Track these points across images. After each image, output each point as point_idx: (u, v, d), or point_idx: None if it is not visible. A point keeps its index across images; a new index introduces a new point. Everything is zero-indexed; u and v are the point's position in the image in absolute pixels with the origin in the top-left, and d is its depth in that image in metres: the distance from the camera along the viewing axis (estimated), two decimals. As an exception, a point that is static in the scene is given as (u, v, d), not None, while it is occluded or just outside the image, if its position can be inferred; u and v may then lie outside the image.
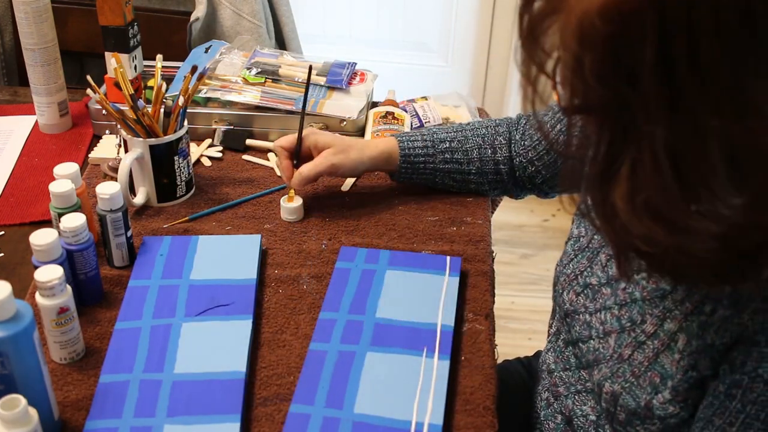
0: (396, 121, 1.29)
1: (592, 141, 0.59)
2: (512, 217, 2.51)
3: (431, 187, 1.16)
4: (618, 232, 0.60)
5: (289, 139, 1.12)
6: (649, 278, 0.77)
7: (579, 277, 0.88)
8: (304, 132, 1.12)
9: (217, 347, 0.89)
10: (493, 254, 1.10)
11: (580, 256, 0.90)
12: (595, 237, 0.88)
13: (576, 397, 0.88)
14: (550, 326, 0.99)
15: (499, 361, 1.11)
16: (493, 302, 1.02)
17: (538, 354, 1.18)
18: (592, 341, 0.84)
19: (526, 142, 1.12)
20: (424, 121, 1.34)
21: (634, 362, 0.77)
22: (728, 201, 0.55)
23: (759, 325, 0.65)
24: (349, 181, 1.21)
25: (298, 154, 1.12)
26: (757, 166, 0.55)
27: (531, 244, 2.43)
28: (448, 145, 1.12)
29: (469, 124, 1.16)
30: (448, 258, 1.03)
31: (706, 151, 0.54)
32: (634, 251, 0.62)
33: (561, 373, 0.92)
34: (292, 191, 1.12)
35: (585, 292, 0.87)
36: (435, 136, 1.13)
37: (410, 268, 1.01)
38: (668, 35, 0.51)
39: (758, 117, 0.53)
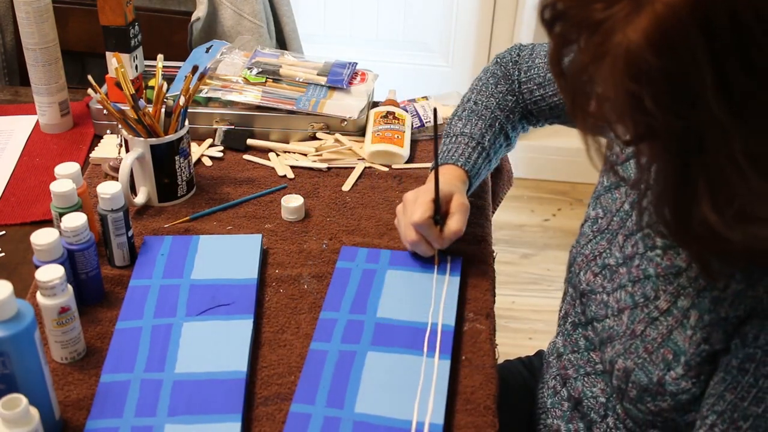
0: (397, 121, 1.29)
1: (662, 166, 0.62)
2: (513, 217, 2.51)
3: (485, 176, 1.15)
4: (710, 243, 0.62)
5: (426, 209, 0.97)
6: (664, 255, 0.78)
7: (598, 257, 0.89)
8: (445, 187, 1.01)
9: (218, 347, 0.89)
10: (494, 254, 1.10)
11: (599, 237, 0.90)
12: (614, 219, 0.88)
13: (585, 379, 0.89)
14: (560, 310, 1.00)
15: (500, 361, 1.11)
16: (494, 302, 1.02)
17: (539, 353, 1.18)
18: (607, 320, 0.85)
19: (525, 95, 1.11)
20: (424, 121, 1.34)
21: (647, 338, 0.78)
22: None
23: None
24: (350, 181, 1.21)
25: (438, 209, 0.98)
26: None
27: (531, 243, 2.43)
28: (489, 136, 1.09)
29: (475, 102, 1.12)
30: (449, 258, 1.03)
31: None
32: (720, 256, 0.65)
33: (570, 355, 0.93)
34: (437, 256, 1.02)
35: (603, 272, 0.87)
36: (474, 136, 1.07)
37: (411, 268, 1.01)
38: (720, 52, 0.53)
39: None
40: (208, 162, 1.25)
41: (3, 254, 1.06)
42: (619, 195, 0.88)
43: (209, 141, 1.29)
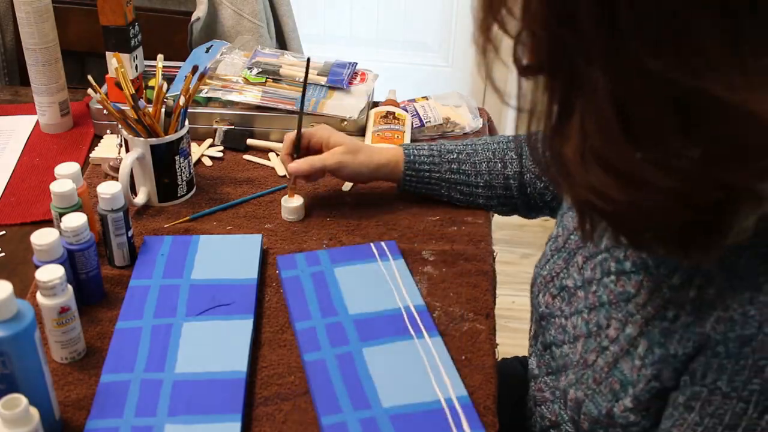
0: (397, 121, 1.29)
1: (543, 93, 0.58)
2: (513, 217, 2.50)
3: (437, 198, 1.14)
4: (572, 186, 0.58)
5: (295, 134, 1.12)
6: (617, 281, 0.75)
7: (555, 279, 0.87)
8: (317, 126, 1.12)
9: (218, 347, 0.89)
10: (494, 254, 1.10)
11: (556, 256, 0.88)
12: (572, 237, 0.85)
13: (561, 401, 0.86)
14: (530, 329, 0.97)
15: (498, 360, 1.11)
16: (494, 302, 1.02)
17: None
18: (564, 346, 0.82)
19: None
20: (424, 121, 1.34)
21: (596, 368, 0.75)
22: (679, 152, 0.53)
23: (721, 335, 0.62)
24: (350, 181, 1.21)
25: (299, 147, 1.11)
26: (707, 115, 0.52)
27: (532, 243, 2.43)
28: (455, 156, 1.10)
29: (480, 139, 1.14)
30: (383, 243, 1.05)
31: (650, 97, 0.52)
32: (593, 210, 0.60)
33: (545, 378, 0.89)
34: (294, 183, 1.12)
35: (561, 294, 0.85)
36: (443, 146, 1.11)
37: (353, 261, 1.02)
38: None
39: (702, 58, 0.50)
40: (208, 162, 1.25)
41: (3, 254, 1.06)
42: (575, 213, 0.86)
43: (209, 141, 1.29)
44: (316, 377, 0.86)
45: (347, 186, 1.20)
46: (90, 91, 1.09)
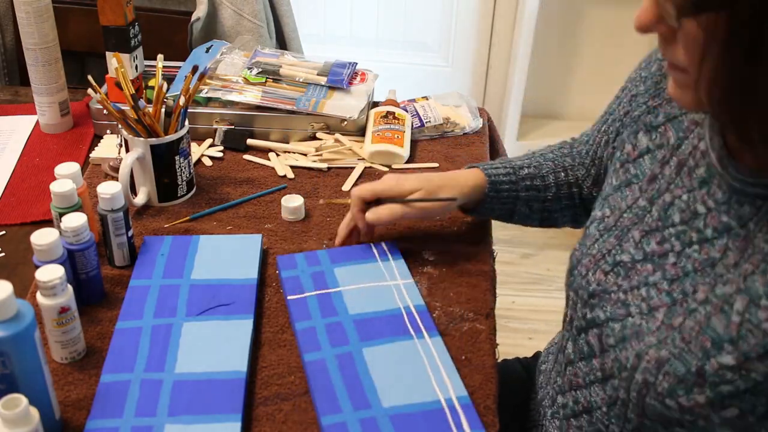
0: (397, 121, 1.29)
1: (717, 40, 0.61)
2: (513, 217, 2.51)
3: (503, 220, 1.09)
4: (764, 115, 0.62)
5: (366, 189, 1.01)
6: (701, 249, 0.77)
7: (607, 255, 0.87)
8: (385, 176, 1.03)
9: (218, 347, 0.89)
10: (494, 254, 1.10)
11: (606, 235, 0.88)
12: (624, 215, 0.86)
13: (592, 387, 0.87)
14: (565, 316, 0.97)
15: (498, 360, 1.11)
16: (494, 302, 1.02)
17: (537, 355, 1.18)
18: (630, 318, 0.82)
19: (578, 160, 1.08)
20: (424, 121, 1.34)
21: (684, 328, 0.75)
22: None
23: None
24: (350, 181, 1.21)
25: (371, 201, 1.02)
26: None
27: (532, 243, 2.43)
28: (527, 172, 1.06)
29: (533, 151, 1.12)
30: (384, 243, 1.05)
31: None
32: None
33: (579, 363, 0.90)
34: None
35: (615, 270, 0.85)
36: (513, 163, 1.07)
37: (353, 261, 1.02)
38: None
39: None
40: (208, 162, 1.25)
41: (3, 254, 1.06)
42: (630, 192, 0.87)
43: (209, 141, 1.29)
44: (316, 377, 0.86)
45: (347, 186, 1.20)
46: (90, 91, 1.09)
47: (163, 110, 1.12)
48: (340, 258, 1.03)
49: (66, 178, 0.98)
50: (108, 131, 1.30)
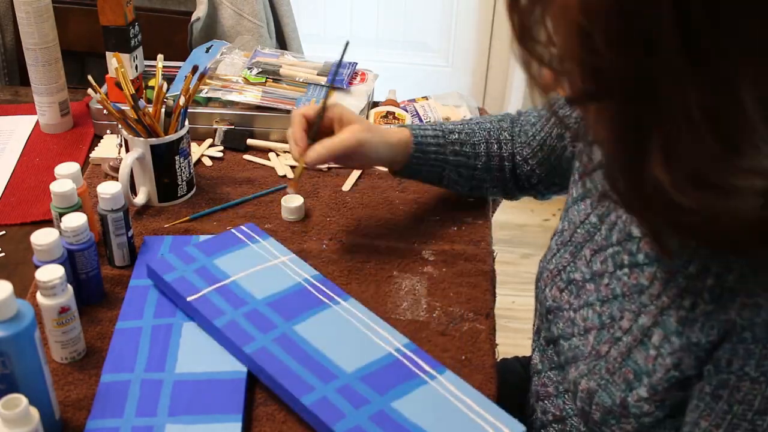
0: (397, 121, 1.29)
1: (610, 122, 0.57)
2: (513, 217, 2.51)
3: (433, 183, 1.09)
4: (662, 209, 0.57)
5: (308, 108, 1.01)
6: (630, 274, 0.75)
7: (562, 272, 0.86)
8: (328, 102, 1.01)
9: (219, 347, 0.89)
10: (494, 254, 1.10)
11: (563, 250, 0.87)
12: (578, 230, 0.84)
13: (565, 396, 0.86)
14: (534, 325, 0.98)
15: (498, 360, 1.11)
16: (494, 302, 1.02)
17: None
18: (573, 338, 0.82)
19: (521, 139, 1.08)
20: (424, 121, 1.34)
21: (609, 358, 0.75)
22: None
23: (747, 320, 0.62)
24: (350, 181, 1.21)
25: (318, 127, 1.00)
26: None
27: (532, 243, 2.43)
28: (457, 136, 1.06)
29: (473, 118, 1.11)
30: (244, 227, 1.05)
31: (742, 102, 0.50)
32: (677, 226, 0.60)
33: (549, 372, 0.90)
34: (299, 170, 1.01)
35: (569, 288, 0.84)
36: (444, 126, 1.07)
37: (227, 250, 1.00)
38: None
39: None
40: (208, 162, 1.25)
41: (3, 254, 1.06)
42: (584, 206, 0.84)
43: (209, 141, 1.29)
44: (271, 365, 0.84)
45: (347, 186, 1.20)
46: (90, 91, 1.09)
47: (163, 110, 1.12)
48: (211, 249, 1.00)
49: (66, 178, 0.98)
50: (108, 131, 1.30)
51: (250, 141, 1.29)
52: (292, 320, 0.90)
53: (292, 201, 1.12)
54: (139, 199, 1.13)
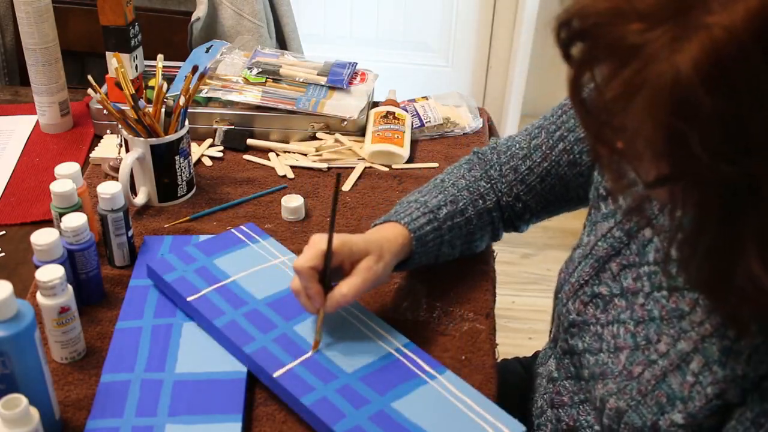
0: (397, 121, 1.29)
1: (696, 210, 0.54)
2: (513, 217, 2.51)
3: (429, 264, 0.99)
4: (752, 299, 0.55)
5: (313, 256, 0.84)
6: (670, 297, 0.74)
7: (585, 286, 0.84)
8: (318, 239, 0.86)
9: (219, 347, 0.89)
10: (494, 254, 1.10)
11: (584, 263, 0.85)
12: (599, 244, 0.82)
13: (581, 407, 0.86)
14: (551, 332, 0.97)
15: (498, 360, 1.11)
16: (494, 302, 1.02)
17: (536, 355, 1.18)
18: (601, 354, 0.80)
19: (508, 178, 0.98)
20: (424, 121, 1.34)
21: (642, 380, 0.74)
22: None
23: None
24: (350, 181, 1.21)
25: (328, 275, 0.85)
26: None
27: (532, 243, 2.43)
28: (446, 211, 0.95)
29: (442, 180, 1.00)
30: (244, 226, 1.05)
31: None
32: (760, 312, 0.59)
33: (564, 381, 0.89)
34: (321, 323, 0.87)
35: (594, 301, 0.83)
36: (428, 204, 0.96)
37: (227, 250, 1.00)
38: None
39: None
40: (208, 162, 1.25)
41: (3, 254, 1.06)
42: (609, 221, 0.82)
43: (209, 141, 1.29)
44: (271, 365, 0.84)
45: (347, 186, 1.20)
46: (90, 91, 1.09)
47: (163, 110, 1.12)
48: (211, 249, 1.01)
49: (66, 178, 0.98)
50: (108, 131, 1.30)
51: (250, 141, 1.29)
52: (292, 320, 0.90)
53: (292, 201, 1.12)
54: (139, 199, 1.13)
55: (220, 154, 1.27)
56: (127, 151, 1.11)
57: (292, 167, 1.24)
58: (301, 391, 0.82)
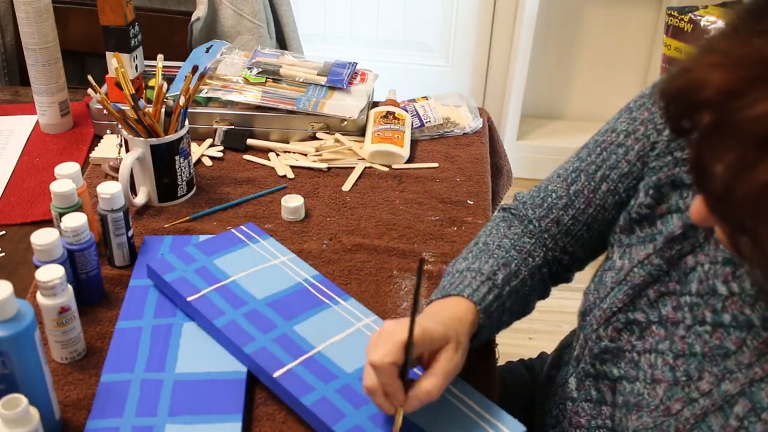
0: (397, 121, 1.29)
1: None
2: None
3: (491, 336, 0.91)
4: None
5: (393, 351, 0.74)
6: (713, 333, 0.72)
7: (618, 313, 0.80)
8: (394, 326, 0.77)
9: (219, 347, 0.89)
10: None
11: (617, 289, 0.81)
12: (636, 270, 0.79)
13: (597, 431, 0.84)
14: (573, 348, 0.91)
15: (501, 361, 1.11)
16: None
17: (540, 356, 1.18)
18: (638, 383, 0.78)
19: (551, 231, 0.91)
20: (424, 121, 1.34)
21: (681, 418, 0.72)
22: None
23: None
24: (350, 181, 1.21)
25: (407, 371, 0.76)
26: None
27: (531, 244, 2.43)
28: (502, 275, 0.88)
29: (485, 243, 0.92)
30: (244, 227, 1.05)
31: None
32: None
33: (583, 403, 0.86)
34: (400, 418, 0.77)
35: (629, 327, 0.79)
36: (483, 271, 0.88)
37: (227, 250, 1.00)
38: None
39: None
40: (208, 162, 1.25)
41: (3, 254, 1.06)
42: (646, 248, 0.79)
43: (209, 141, 1.29)
44: (270, 365, 0.85)
45: (348, 186, 1.20)
46: (90, 91, 1.09)
47: (163, 110, 1.12)
48: (211, 249, 1.01)
49: (66, 178, 0.98)
50: (108, 131, 1.30)
51: (250, 141, 1.29)
52: (292, 320, 0.90)
53: (292, 201, 1.12)
54: (139, 199, 1.13)
55: (220, 154, 1.27)
56: (127, 151, 1.11)
57: (292, 167, 1.24)
58: (301, 391, 0.82)
